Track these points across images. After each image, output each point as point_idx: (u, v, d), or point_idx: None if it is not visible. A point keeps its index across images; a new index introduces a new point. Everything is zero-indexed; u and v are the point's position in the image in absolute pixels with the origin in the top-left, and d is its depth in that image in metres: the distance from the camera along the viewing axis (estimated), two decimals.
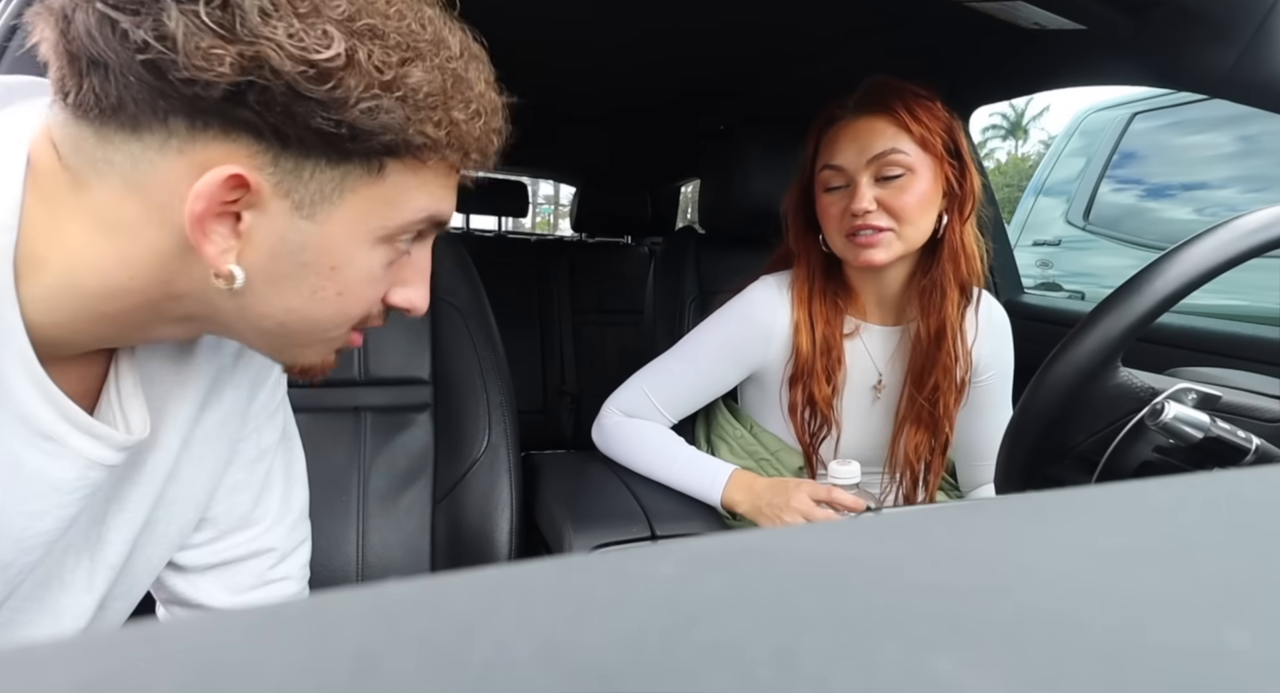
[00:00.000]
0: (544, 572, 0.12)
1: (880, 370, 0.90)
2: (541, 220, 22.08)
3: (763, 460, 0.94)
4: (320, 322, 0.43)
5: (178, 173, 0.35)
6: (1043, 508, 0.14)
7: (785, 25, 1.12)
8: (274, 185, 0.37)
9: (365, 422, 0.89)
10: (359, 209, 0.39)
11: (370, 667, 0.09)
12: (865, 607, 0.10)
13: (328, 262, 0.40)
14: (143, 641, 0.10)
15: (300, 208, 0.38)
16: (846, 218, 0.79)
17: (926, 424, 0.86)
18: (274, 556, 0.58)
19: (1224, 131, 2.04)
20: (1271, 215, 0.46)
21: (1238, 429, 0.49)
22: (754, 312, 0.89)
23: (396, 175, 0.40)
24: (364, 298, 0.44)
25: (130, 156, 0.35)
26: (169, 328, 0.42)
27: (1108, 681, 0.09)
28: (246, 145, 0.36)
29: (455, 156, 0.42)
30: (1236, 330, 0.98)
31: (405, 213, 0.42)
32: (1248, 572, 0.12)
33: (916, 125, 0.77)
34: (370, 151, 0.38)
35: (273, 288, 0.39)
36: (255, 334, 0.43)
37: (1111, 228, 2.28)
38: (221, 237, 0.37)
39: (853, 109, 0.80)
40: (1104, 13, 0.77)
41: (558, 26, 1.20)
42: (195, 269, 0.38)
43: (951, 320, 0.82)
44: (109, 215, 0.36)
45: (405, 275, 0.47)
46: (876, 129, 0.78)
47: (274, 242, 0.38)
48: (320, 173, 0.37)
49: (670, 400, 0.92)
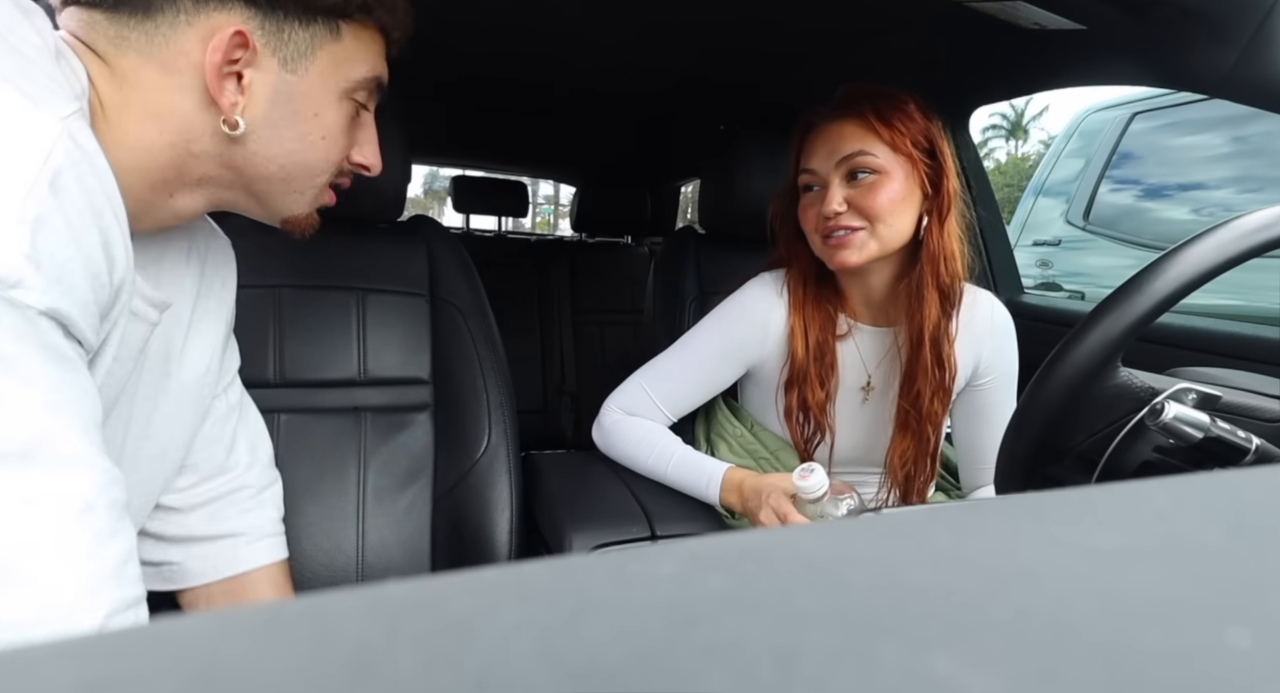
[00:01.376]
0: (544, 572, 0.12)
1: (869, 372, 0.90)
2: (541, 220, 22.08)
3: (762, 459, 0.94)
4: (312, 164, 0.54)
5: (190, 40, 0.46)
6: (1043, 508, 0.14)
7: (787, 26, 1.12)
8: (264, 44, 0.48)
9: (365, 422, 0.89)
10: (328, 64, 0.52)
11: (370, 667, 0.09)
12: (865, 607, 0.10)
13: (311, 108, 0.52)
14: (143, 641, 0.10)
15: (285, 63, 0.50)
16: (820, 220, 0.81)
17: (912, 429, 0.86)
18: (249, 491, 0.69)
19: (1218, 133, 2.05)
20: (1271, 215, 0.46)
21: (1238, 429, 0.49)
22: (750, 308, 0.90)
23: (349, 38, 0.53)
24: (340, 144, 0.55)
25: (145, 33, 0.45)
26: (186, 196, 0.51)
27: (1107, 681, 0.09)
28: (240, 12, 0.47)
29: (389, 19, 0.55)
30: (1236, 330, 0.98)
31: (360, 69, 0.54)
32: (1247, 572, 0.12)
33: (886, 129, 0.79)
34: (330, 11, 0.51)
35: (274, 133, 0.50)
36: (261, 183, 0.53)
37: (1110, 228, 2.29)
38: (230, 92, 0.48)
39: (826, 114, 0.83)
40: (1104, 13, 0.77)
41: (559, 21, 1.20)
42: (210, 125, 0.48)
43: (931, 322, 0.82)
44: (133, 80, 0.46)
45: (360, 136, 0.59)
46: (846, 133, 0.80)
47: (270, 93, 0.50)
48: (295, 33, 0.50)
49: (670, 398, 0.92)
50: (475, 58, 1.42)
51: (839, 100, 0.83)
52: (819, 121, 0.83)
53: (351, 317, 0.92)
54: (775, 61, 1.31)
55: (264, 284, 0.89)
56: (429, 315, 0.95)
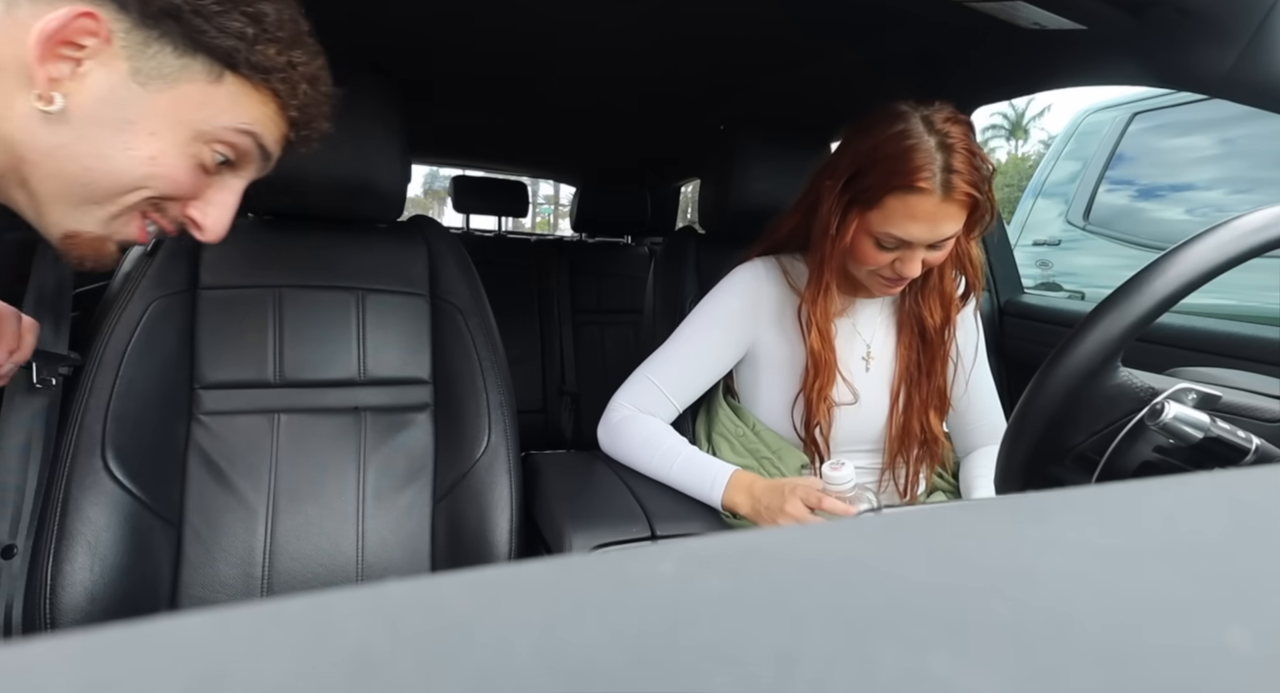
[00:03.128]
0: (544, 572, 0.12)
1: (867, 342, 0.94)
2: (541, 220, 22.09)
3: (764, 459, 0.94)
4: (123, 178, 0.48)
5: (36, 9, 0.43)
6: (1043, 508, 0.14)
7: (785, 23, 1.12)
8: (121, 46, 0.45)
9: (365, 421, 0.89)
10: (190, 99, 0.48)
11: (370, 667, 0.09)
12: (865, 607, 0.10)
13: (148, 128, 0.48)
14: (143, 641, 0.10)
15: (136, 75, 0.46)
16: (888, 268, 0.82)
17: (925, 391, 0.92)
18: None
19: (1205, 134, 2.10)
20: (1271, 215, 0.46)
21: (1238, 429, 0.49)
22: (740, 287, 0.93)
23: (233, 88, 0.49)
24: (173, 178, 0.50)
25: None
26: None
27: (1107, 680, 0.09)
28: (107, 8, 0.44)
29: (285, 89, 0.51)
30: (1236, 330, 0.98)
31: (229, 118, 0.50)
32: (1247, 572, 0.12)
33: (977, 211, 0.79)
34: (214, 53, 0.47)
35: (93, 130, 0.46)
36: (53, 181, 0.48)
37: (1109, 227, 2.29)
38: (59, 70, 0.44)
39: (939, 192, 0.76)
40: (1104, 13, 0.77)
41: (560, 21, 1.20)
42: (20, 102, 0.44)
43: (952, 315, 0.90)
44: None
45: (212, 194, 0.54)
46: (952, 215, 0.77)
47: (104, 91, 0.46)
48: (164, 55, 0.47)
49: (677, 386, 0.93)
50: (475, 57, 1.42)
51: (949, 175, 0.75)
52: (927, 190, 0.76)
53: (351, 317, 0.92)
54: (776, 61, 1.31)
55: (264, 284, 0.89)
56: (429, 315, 0.95)
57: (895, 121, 0.79)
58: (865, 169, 0.79)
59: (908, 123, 0.78)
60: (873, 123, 0.81)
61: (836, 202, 0.82)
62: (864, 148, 0.80)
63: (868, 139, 0.80)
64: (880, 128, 0.79)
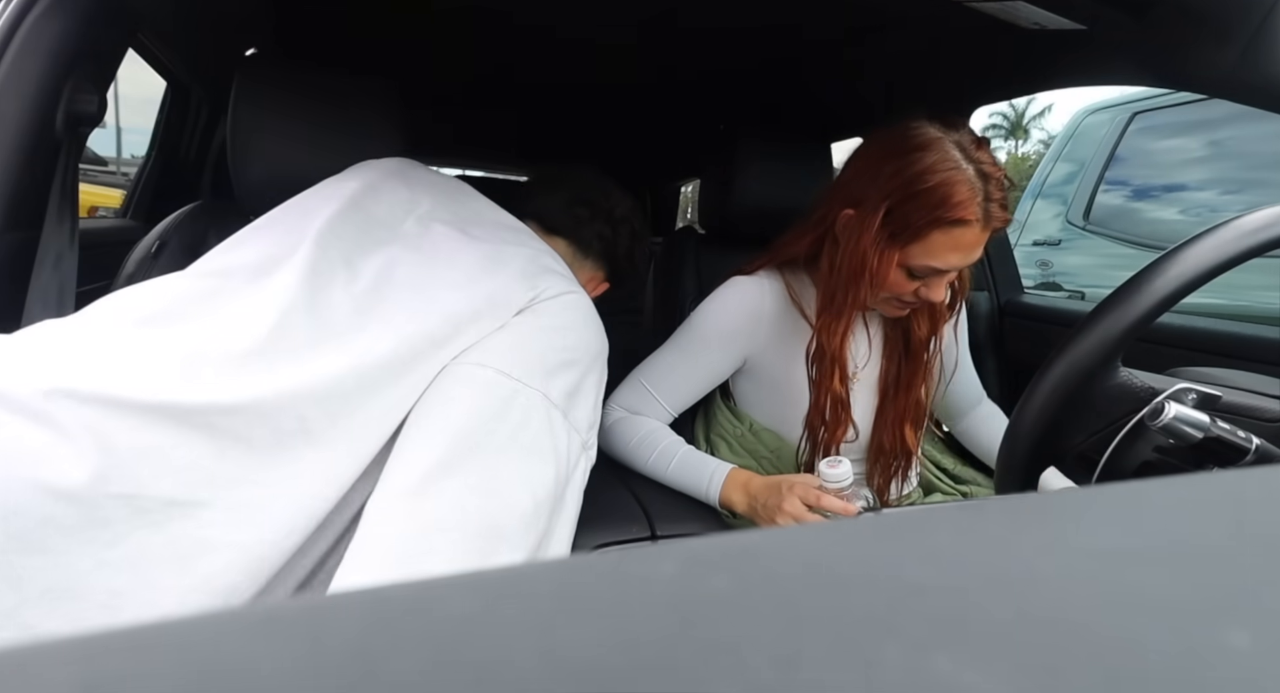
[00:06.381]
0: (544, 572, 0.12)
1: (855, 357, 0.92)
2: None
3: (763, 459, 0.94)
4: None
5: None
6: (1043, 508, 0.14)
7: (785, 25, 1.12)
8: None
9: None
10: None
11: (370, 667, 0.09)
12: (865, 607, 0.10)
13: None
14: (143, 641, 0.10)
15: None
16: (910, 294, 0.81)
17: (901, 405, 0.92)
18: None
19: (1194, 136, 2.12)
20: (1271, 215, 0.46)
21: (1238, 429, 0.49)
22: (741, 305, 0.92)
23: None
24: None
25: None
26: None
27: (1107, 680, 0.09)
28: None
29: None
30: (1236, 330, 0.98)
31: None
32: (1247, 572, 0.12)
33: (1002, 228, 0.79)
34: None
35: None
36: None
37: (1108, 227, 2.30)
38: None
39: (981, 222, 0.75)
40: (1104, 13, 0.77)
41: (561, 22, 1.20)
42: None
43: (940, 328, 0.90)
44: None
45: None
46: (981, 240, 0.77)
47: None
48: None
49: (671, 393, 0.93)
50: (475, 57, 1.42)
51: (989, 204, 0.75)
52: (971, 220, 0.74)
53: None
54: (775, 61, 1.31)
55: None
56: None
57: (929, 150, 0.75)
58: (905, 202, 0.75)
59: (943, 151, 0.74)
60: (899, 148, 0.77)
61: (875, 239, 0.77)
62: (900, 180, 0.75)
63: (901, 169, 0.75)
64: (915, 156, 0.75)
